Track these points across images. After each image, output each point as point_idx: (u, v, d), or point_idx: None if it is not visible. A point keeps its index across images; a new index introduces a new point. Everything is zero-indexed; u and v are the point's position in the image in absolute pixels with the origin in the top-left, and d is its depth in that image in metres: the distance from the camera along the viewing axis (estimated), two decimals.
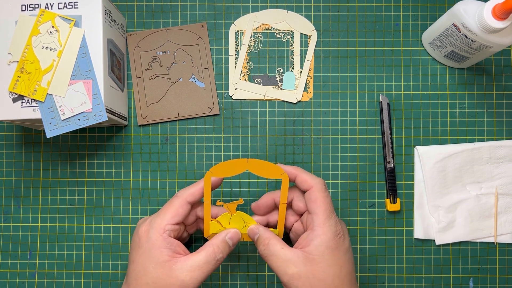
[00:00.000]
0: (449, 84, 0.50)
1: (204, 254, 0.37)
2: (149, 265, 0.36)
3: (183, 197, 0.38)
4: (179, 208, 0.38)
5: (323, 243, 0.36)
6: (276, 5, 0.50)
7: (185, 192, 0.39)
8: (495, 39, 0.40)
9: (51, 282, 0.48)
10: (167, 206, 0.39)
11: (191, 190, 0.39)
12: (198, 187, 0.39)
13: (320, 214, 0.37)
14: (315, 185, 0.38)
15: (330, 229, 0.36)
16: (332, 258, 0.36)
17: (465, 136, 0.49)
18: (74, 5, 0.41)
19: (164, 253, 0.36)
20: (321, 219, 0.36)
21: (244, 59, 0.50)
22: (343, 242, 0.37)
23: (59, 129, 0.40)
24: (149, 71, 0.49)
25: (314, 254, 0.36)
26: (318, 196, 0.37)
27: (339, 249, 0.36)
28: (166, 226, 0.37)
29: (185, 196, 0.39)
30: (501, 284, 0.48)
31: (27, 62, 0.40)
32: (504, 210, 0.48)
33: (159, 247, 0.37)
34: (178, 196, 0.39)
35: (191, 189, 0.39)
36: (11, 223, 0.48)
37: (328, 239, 0.36)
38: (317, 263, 0.35)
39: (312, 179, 0.38)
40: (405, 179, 0.49)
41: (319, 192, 0.37)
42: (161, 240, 0.37)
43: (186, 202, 0.38)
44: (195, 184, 0.40)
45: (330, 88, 0.50)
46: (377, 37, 0.50)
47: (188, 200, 0.39)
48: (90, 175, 0.49)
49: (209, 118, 0.49)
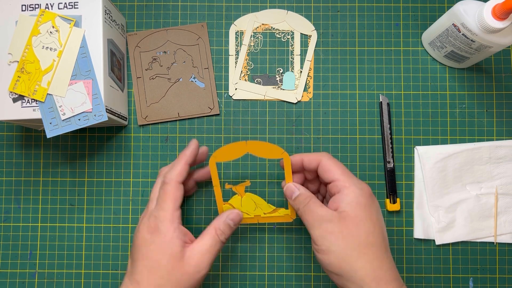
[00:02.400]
0: (449, 84, 0.50)
1: (209, 238, 0.38)
2: (162, 258, 0.37)
3: (174, 180, 0.39)
4: (175, 192, 0.38)
5: (353, 199, 0.36)
6: (276, 5, 0.50)
7: (173, 174, 0.39)
8: (495, 39, 0.41)
9: (51, 282, 0.48)
10: (164, 195, 0.38)
11: (177, 171, 0.39)
12: (181, 165, 0.40)
13: (340, 177, 0.37)
14: (322, 157, 0.39)
15: (356, 186, 0.37)
16: (364, 214, 0.36)
17: (465, 136, 0.49)
18: (74, 5, 0.41)
19: (176, 244, 0.37)
20: (343, 181, 0.37)
21: (244, 59, 0.50)
22: (372, 200, 0.37)
23: (59, 129, 0.40)
24: (149, 71, 0.49)
25: (346, 211, 0.36)
26: (330, 164, 0.38)
27: (370, 206, 0.36)
28: (173, 214, 0.38)
29: (175, 178, 0.39)
30: (501, 284, 0.48)
31: (27, 62, 0.40)
32: (504, 210, 0.48)
33: (172, 238, 0.37)
34: (168, 181, 0.39)
35: (176, 169, 0.39)
36: (11, 223, 0.48)
37: (356, 195, 0.36)
38: (350, 219, 0.36)
39: (317, 154, 0.40)
40: (405, 179, 0.49)
41: (328, 161, 0.38)
42: (172, 230, 0.37)
43: (178, 184, 0.39)
44: (176, 163, 0.40)
45: (330, 88, 0.50)
46: (377, 37, 0.50)
47: (179, 181, 0.39)
48: (90, 175, 0.49)
49: (209, 118, 0.49)
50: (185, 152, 0.41)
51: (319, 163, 0.39)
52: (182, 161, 0.40)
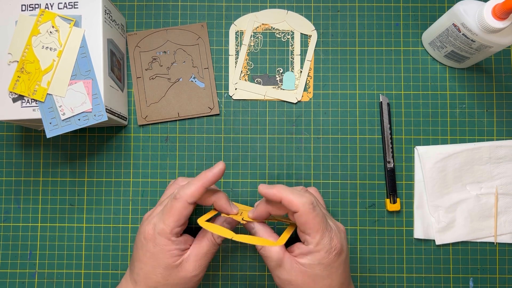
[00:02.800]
0: (449, 84, 0.50)
1: (204, 244, 0.39)
2: (158, 267, 0.37)
3: (184, 200, 0.37)
4: (182, 211, 0.37)
5: (316, 260, 0.36)
6: (276, 5, 0.50)
7: (185, 193, 0.37)
8: (495, 39, 0.40)
9: (51, 282, 0.48)
10: (169, 210, 0.37)
11: (191, 192, 0.37)
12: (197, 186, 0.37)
13: (312, 234, 0.36)
14: (302, 207, 0.35)
15: (323, 248, 0.36)
16: (325, 273, 0.36)
17: (465, 136, 0.49)
18: (74, 5, 0.41)
19: (173, 256, 0.37)
20: (314, 239, 0.36)
21: (244, 59, 0.50)
22: (337, 257, 0.36)
23: (59, 129, 0.40)
24: (149, 71, 0.49)
25: (307, 267, 0.36)
26: (307, 218, 0.35)
27: (332, 265, 0.36)
28: (173, 230, 0.37)
29: (185, 198, 0.37)
30: (501, 284, 0.48)
31: (27, 62, 0.40)
32: (504, 210, 0.48)
33: (168, 251, 0.37)
34: (178, 198, 0.37)
35: (190, 189, 0.37)
36: (11, 223, 0.48)
37: (321, 257, 0.36)
38: (309, 276, 0.36)
39: (298, 200, 0.35)
40: (405, 179, 0.49)
41: (307, 214, 0.35)
42: (170, 243, 0.37)
43: (187, 204, 0.37)
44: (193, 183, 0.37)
45: (330, 88, 0.50)
46: (377, 37, 0.50)
47: (190, 202, 0.37)
48: (90, 175, 0.49)
49: (209, 118, 0.49)
50: (207, 174, 0.37)
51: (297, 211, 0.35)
52: (200, 182, 0.37)
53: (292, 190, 0.36)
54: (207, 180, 0.37)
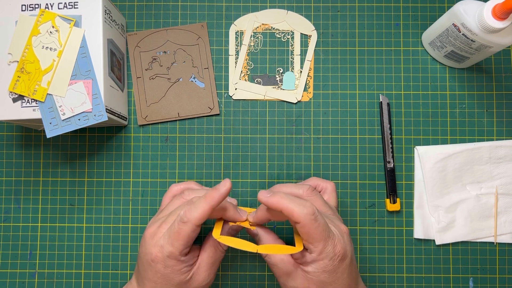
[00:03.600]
0: (449, 84, 0.50)
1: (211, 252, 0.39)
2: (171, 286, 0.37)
3: (193, 223, 0.35)
4: (190, 234, 0.36)
5: (320, 268, 0.36)
6: (276, 5, 0.50)
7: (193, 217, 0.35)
8: (495, 39, 0.40)
9: (51, 282, 0.48)
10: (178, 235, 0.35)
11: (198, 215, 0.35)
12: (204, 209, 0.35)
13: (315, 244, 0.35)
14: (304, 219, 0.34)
15: (327, 256, 0.35)
16: (330, 279, 0.36)
17: (465, 136, 0.49)
18: (74, 5, 0.41)
19: (183, 272, 0.37)
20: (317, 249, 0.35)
21: (244, 59, 0.50)
22: (341, 263, 0.36)
23: (59, 129, 0.40)
24: (149, 71, 0.49)
25: (311, 275, 0.36)
26: (309, 229, 0.34)
27: (337, 271, 0.36)
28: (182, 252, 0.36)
29: (193, 222, 0.35)
30: (501, 284, 0.48)
31: (27, 62, 0.40)
32: (504, 210, 0.48)
33: (178, 270, 0.36)
34: (186, 222, 0.35)
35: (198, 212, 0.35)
36: (11, 223, 0.48)
37: (325, 265, 0.35)
38: (314, 283, 0.36)
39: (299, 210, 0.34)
40: (405, 179, 0.49)
41: (309, 225, 0.34)
42: (179, 264, 0.36)
43: (196, 227, 0.36)
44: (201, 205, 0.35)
45: (330, 88, 0.50)
46: (377, 37, 0.50)
47: (198, 224, 0.36)
48: (90, 175, 0.49)
49: (209, 118, 0.49)
50: (214, 195, 0.36)
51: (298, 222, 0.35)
52: (208, 206, 0.35)
53: (292, 200, 0.35)
54: (214, 202, 0.36)
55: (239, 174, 0.49)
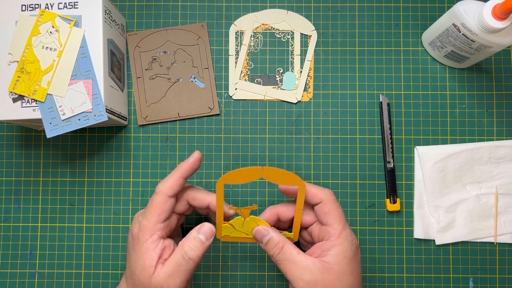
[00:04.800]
0: (449, 84, 0.50)
1: (174, 258, 0.36)
2: (136, 268, 0.36)
3: (163, 193, 0.37)
4: (162, 205, 0.37)
5: (341, 253, 0.35)
6: (276, 5, 0.50)
7: (164, 186, 0.37)
8: (495, 39, 0.41)
9: (51, 282, 0.48)
10: (150, 205, 0.37)
11: (169, 184, 0.37)
12: (175, 178, 0.38)
13: (335, 225, 0.36)
14: (326, 198, 0.37)
15: (346, 239, 0.36)
16: (349, 268, 0.36)
17: (465, 136, 0.49)
18: (74, 5, 0.41)
19: (150, 258, 0.36)
20: (337, 230, 0.36)
21: (244, 59, 0.50)
22: (357, 252, 0.37)
23: (59, 129, 0.40)
24: (149, 71, 0.49)
25: (331, 263, 0.35)
26: (331, 208, 0.37)
27: (355, 259, 0.36)
28: (155, 226, 0.36)
29: (164, 191, 0.37)
30: (501, 284, 0.48)
31: (27, 62, 0.40)
32: (504, 210, 0.48)
33: (147, 250, 0.36)
34: (158, 192, 0.37)
35: (168, 182, 0.37)
36: (11, 223, 0.48)
37: (345, 249, 0.36)
38: (335, 273, 0.35)
39: (322, 191, 0.37)
40: (405, 179, 0.49)
41: (331, 204, 0.37)
42: (150, 242, 0.36)
43: (167, 197, 0.37)
44: (171, 175, 0.38)
45: (330, 88, 0.50)
46: (377, 37, 0.50)
47: (169, 195, 0.37)
48: (90, 175, 0.49)
49: (209, 118, 0.49)
50: (182, 164, 0.39)
51: (321, 201, 0.37)
52: (177, 174, 0.38)
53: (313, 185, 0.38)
54: (184, 170, 0.38)
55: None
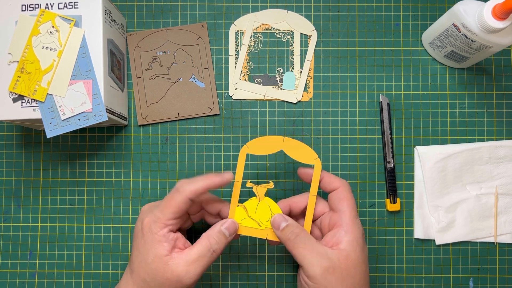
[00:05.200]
0: (449, 84, 0.50)
1: (199, 248, 0.37)
2: (148, 257, 0.37)
3: (185, 194, 0.37)
4: (180, 205, 0.37)
5: (355, 239, 0.36)
6: (276, 5, 0.50)
7: (187, 188, 0.37)
8: (495, 39, 0.41)
9: (51, 282, 0.48)
10: (169, 201, 0.38)
11: (194, 187, 0.37)
12: (201, 185, 0.38)
13: (348, 212, 0.37)
14: (343, 186, 0.39)
15: (359, 228, 0.37)
16: (362, 256, 0.37)
17: (465, 136, 0.49)
18: (74, 5, 0.41)
19: (163, 248, 0.37)
20: (350, 217, 0.37)
21: (244, 59, 0.50)
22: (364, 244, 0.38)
23: (59, 129, 0.40)
24: (149, 71, 0.49)
25: (348, 250, 0.36)
26: (346, 195, 0.38)
27: (364, 249, 0.37)
28: (168, 221, 0.37)
29: (187, 193, 0.37)
30: (501, 284, 0.48)
31: (27, 62, 0.40)
32: (504, 210, 0.48)
33: (159, 241, 0.37)
34: (181, 191, 0.37)
35: (193, 185, 0.38)
36: (11, 223, 0.48)
37: (358, 236, 0.37)
38: (351, 259, 0.36)
39: (339, 180, 0.39)
40: (405, 179, 0.49)
41: (347, 192, 0.38)
42: (162, 234, 0.37)
43: (187, 199, 0.37)
44: (198, 180, 0.38)
45: (330, 88, 0.50)
46: (377, 37, 0.50)
47: (190, 198, 0.37)
48: (90, 175, 0.49)
49: (209, 118, 0.49)
50: (214, 178, 0.38)
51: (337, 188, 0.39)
52: (205, 183, 0.38)
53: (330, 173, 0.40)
54: (212, 183, 0.38)
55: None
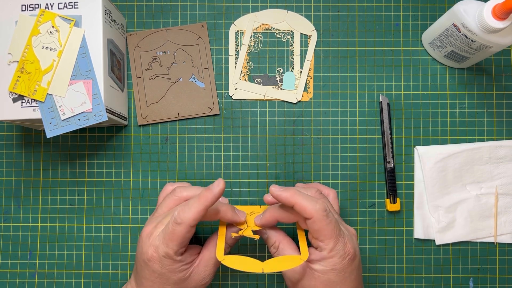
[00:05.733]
0: (449, 84, 0.50)
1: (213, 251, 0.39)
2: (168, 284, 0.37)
3: (187, 224, 0.35)
4: (185, 235, 0.36)
5: (329, 266, 0.35)
6: (276, 5, 0.50)
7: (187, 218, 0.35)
8: (495, 39, 0.40)
9: (51, 282, 0.48)
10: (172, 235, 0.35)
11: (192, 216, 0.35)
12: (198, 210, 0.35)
13: (326, 241, 0.35)
14: (316, 214, 0.35)
15: (337, 254, 0.35)
16: (338, 279, 0.36)
17: (465, 136, 0.49)
18: (74, 5, 0.41)
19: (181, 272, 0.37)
20: (328, 246, 0.35)
21: (244, 59, 0.50)
22: (351, 262, 0.36)
23: (59, 129, 0.40)
24: (149, 71, 0.49)
25: (319, 272, 0.36)
26: (321, 225, 0.35)
27: (345, 270, 0.36)
28: (177, 252, 0.36)
29: (188, 222, 0.35)
30: (501, 284, 0.48)
31: (27, 62, 0.40)
32: (504, 210, 0.48)
33: (175, 269, 0.36)
34: (180, 223, 0.35)
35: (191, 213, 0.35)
36: (11, 223, 0.48)
37: (334, 263, 0.35)
38: (322, 282, 0.36)
39: (312, 206, 0.35)
40: (405, 179, 0.49)
41: (320, 221, 0.35)
42: (175, 263, 0.36)
43: (190, 228, 0.36)
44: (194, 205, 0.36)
45: (330, 88, 0.50)
46: (377, 37, 0.50)
47: (192, 225, 0.36)
48: (90, 175, 0.49)
49: (209, 118, 0.49)
50: (207, 195, 0.36)
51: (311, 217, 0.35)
52: (201, 206, 0.35)
53: (305, 196, 0.36)
54: (208, 202, 0.36)
55: (239, 174, 0.49)
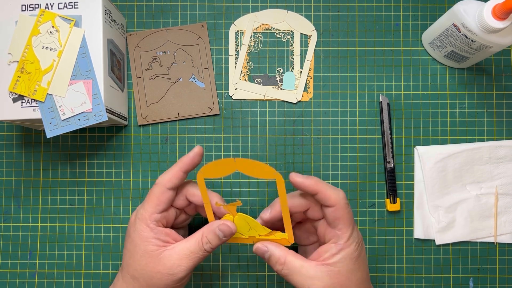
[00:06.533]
0: (449, 84, 0.50)
1: (191, 243, 0.37)
2: (136, 254, 0.37)
3: (162, 184, 0.38)
4: (160, 196, 0.38)
5: (348, 255, 0.36)
6: (276, 5, 0.50)
7: (163, 178, 0.38)
8: (495, 39, 0.41)
9: (51, 282, 0.48)
10: (148, 196, 0.38)
11: (168, 176, 0.38)
12: (174, 171, 0.38)
13: (344, 229, 0.36)
14: (339, 203, 0.36)
15: (353, 241, 0.36)
16: (355, 266, 0.36)
17: (465, 136, 0.49)
18: (74, 5, 0.41)
19: (150, 244, 0.37)
20: (346, 235, 0.36)
21: (244, 59, 0.50)
22: (362, 248, 0.37)
23: (59, 129, 0.40)
24: (149, 71, 0.49)
25: (339, 267, 0.35)
26: (343, 213, 0.36)
27: (360, 256, 0.37)
28: (151, 216, 0.37)
29: (163, 183, 0.38)
30: (501, 284, 0.48)
31: (27, 62, 0.40)
32: (504, 210, 0.48)
33: (146, 237, 0.37)
34: (157, 183, 0.38)
35: (167, 174, 0.38)
36: (11, 223, 0.48)
37: (352, 251, 0.36)
38: (343, 275, 0.35)
39: (335, 195, 0.36)
40: (405, 179, 0.49)
41: (343, 209, 0.36)
42: (148, 230, 0.37)
43: (166, 189, 0.38)
44: (171, 168, 0.39)
45: (330, 88, 0.50)
46: (377, 37, 0.50)
47: (168, 187, 0.38)
48: (90, 175, 0.49)
49: (209, 118, 0.49)
50: (183, 158, 0.39)
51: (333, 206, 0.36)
52: (177, 167, 0.38)
53: (328, 184, 0.37)
54: (184, 164, 0.38)
55: (239, 174, 0.49)
